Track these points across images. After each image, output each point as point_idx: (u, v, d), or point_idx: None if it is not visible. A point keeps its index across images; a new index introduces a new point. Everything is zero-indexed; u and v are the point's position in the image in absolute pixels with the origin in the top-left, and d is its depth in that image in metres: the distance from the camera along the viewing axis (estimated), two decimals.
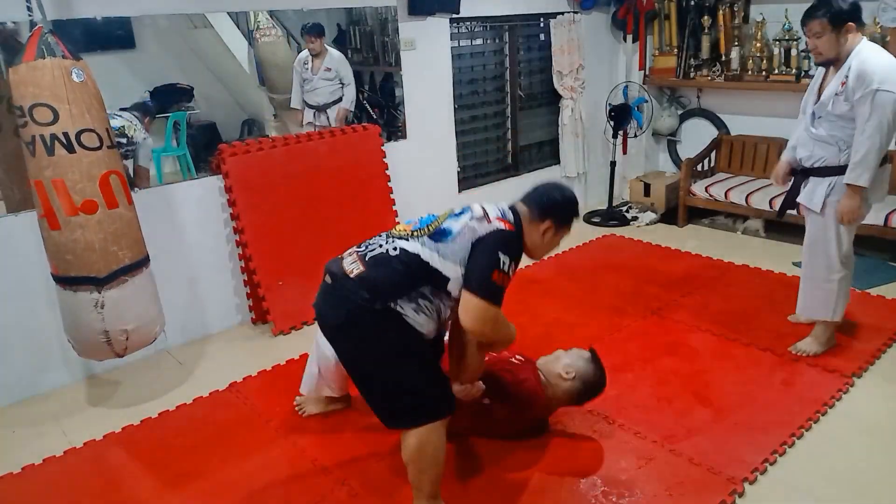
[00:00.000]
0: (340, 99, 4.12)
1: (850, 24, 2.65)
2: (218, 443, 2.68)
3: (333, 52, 4.05)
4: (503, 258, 1.96)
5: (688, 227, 5.02)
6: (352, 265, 2.04)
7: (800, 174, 2.98)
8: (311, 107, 4.08)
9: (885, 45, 4.13)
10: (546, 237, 2.14)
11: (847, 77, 2.67)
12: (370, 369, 2.06)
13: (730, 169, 5.20)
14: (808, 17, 2.70)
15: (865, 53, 2.66)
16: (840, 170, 2.76)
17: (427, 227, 2.08)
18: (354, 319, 2.00)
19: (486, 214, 2.05)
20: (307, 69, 4.03)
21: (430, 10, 4.12)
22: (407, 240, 2.05)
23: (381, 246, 2.07)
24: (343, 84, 4.10)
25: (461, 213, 2.09)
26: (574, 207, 2.20)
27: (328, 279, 2.10)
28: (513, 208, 2.14)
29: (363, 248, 2.10)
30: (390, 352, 2.01)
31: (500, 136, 5.09)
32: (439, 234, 2.03)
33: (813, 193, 2.88)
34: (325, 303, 2.10)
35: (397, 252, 2.02)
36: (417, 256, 2.00)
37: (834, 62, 2.74)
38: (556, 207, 2.13)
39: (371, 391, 2.10)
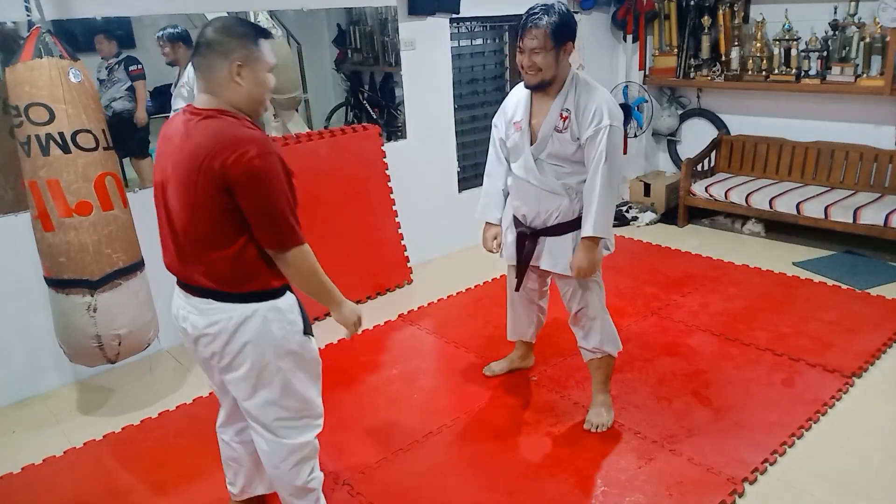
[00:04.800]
0: None
1: (571, 43, 2.29)
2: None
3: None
4: None
5: (688, 227, 5.02)
6: None
7: (529, 237, 2.52)
8: None
9: (885, 45, 4.14)
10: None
11: (569, 110, 2.31)
12: None
13: (730, 169, 5.19)
14: (528, 25, 2.25)
15: (588, 83, 2.35)
16: (578, 222, 2.39)
17: None
18: None
19: None
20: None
21: (430, 10, 4.12)
22: None
23: None
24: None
25: None
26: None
27: None
28: None
29: None
30: None
31: None
32: None
33: (556, 256, 2.48)
34: None
35: None
36: None
37: (548, 87, 2.35)
38: None
39: None
